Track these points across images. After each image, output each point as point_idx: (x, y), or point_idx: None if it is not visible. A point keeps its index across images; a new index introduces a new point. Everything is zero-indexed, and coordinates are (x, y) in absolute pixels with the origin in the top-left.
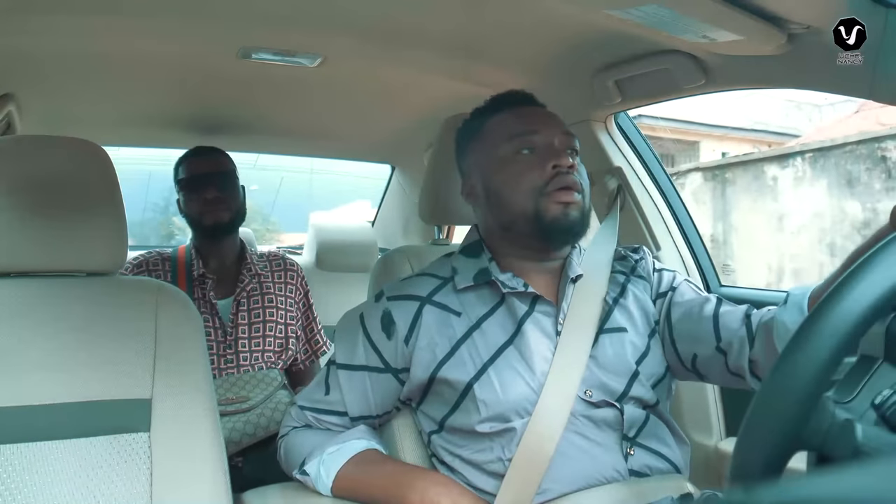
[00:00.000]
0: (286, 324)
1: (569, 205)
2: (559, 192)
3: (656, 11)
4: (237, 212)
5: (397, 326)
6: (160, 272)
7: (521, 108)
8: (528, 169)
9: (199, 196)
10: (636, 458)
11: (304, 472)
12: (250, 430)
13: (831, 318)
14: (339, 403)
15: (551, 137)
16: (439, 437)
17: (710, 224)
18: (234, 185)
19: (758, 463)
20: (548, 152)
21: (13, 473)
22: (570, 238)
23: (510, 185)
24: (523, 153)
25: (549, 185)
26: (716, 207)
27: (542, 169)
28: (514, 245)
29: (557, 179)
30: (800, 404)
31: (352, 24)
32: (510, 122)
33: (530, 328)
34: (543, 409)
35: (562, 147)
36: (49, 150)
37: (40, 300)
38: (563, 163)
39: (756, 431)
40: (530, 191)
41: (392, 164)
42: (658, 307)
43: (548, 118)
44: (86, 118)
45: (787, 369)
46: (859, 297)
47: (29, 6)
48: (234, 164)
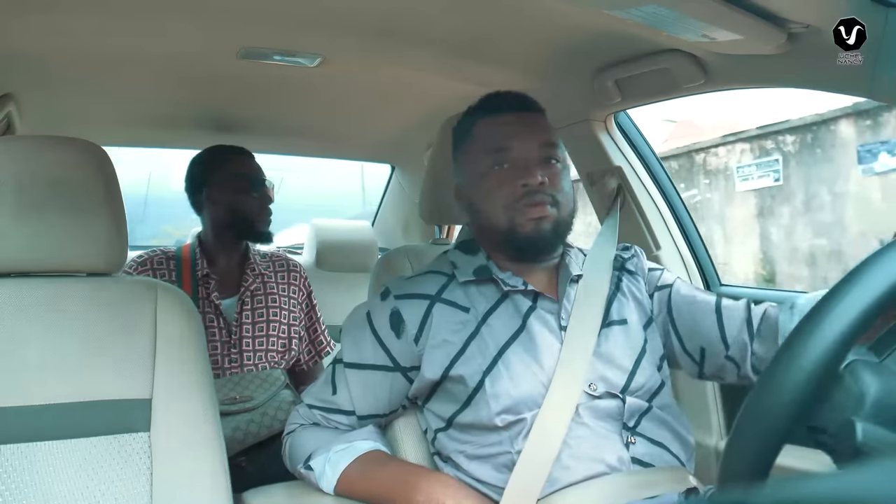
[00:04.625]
0: (289, 324)
1: (541, 219)
2: (530, 208)
3: (656, 11)
4: None
5: (407, 325)
6: (164, 271)
7: (503, 117)
8: (501, 185)
9: (253, 198)
10: (637, 448)
11: (308, 468)
12: (254, 429)
13: (826, 321)
14: (347, 402)
15: (526, 151)
16: (445, 434)
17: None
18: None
19: (749, 462)
20: (520, 169)
21: (13, 473)
22: (545, 251)
23: (486, 200)
24: (496, 169)
25: (519, 202)
26: None
27: (512, 186)
28: (500, 249)
29: (527, 198)
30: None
31: (352, 24)
32: (488, 133)
33: (535, 323)
34: (551, 403)
35: (538, 160)
36: (49, 150)
37: (40, 300)
38: (533, 182)
39: (747, 432)
40: (503, 207)
41: (392, 164)
42: (654, 302)
43: (529, 127)
44: (86, 118)
45: (779, 372)
46: (856, 299)
47: (29, 6)
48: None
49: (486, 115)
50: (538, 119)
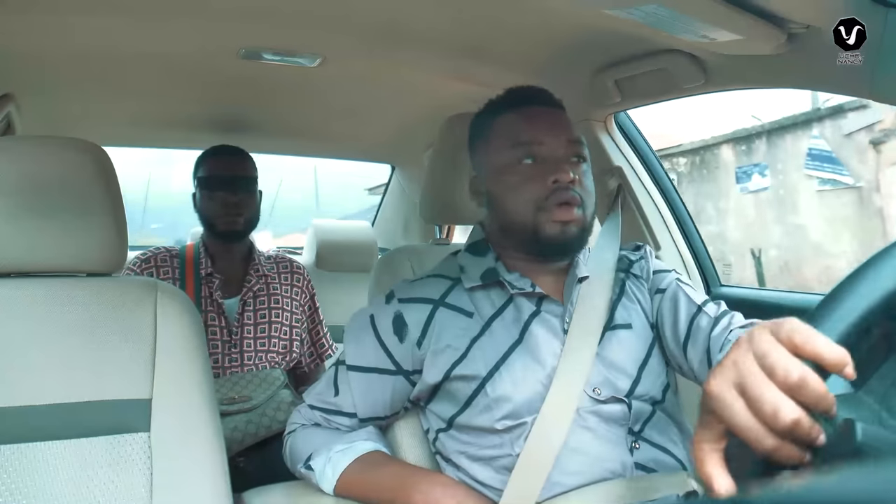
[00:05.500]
0: (291, 326)
1: (567, 223)
2: (558, 209)
3: (656, 11)
4: (250, 219)
5: (409, 329)
6: (168, 269)
7: (530, 110)
8: (529, 180)
9: (215, 198)
10: (641, 453)
11: (308, 468)
12: (252, 429)
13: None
14: (349, 404)
15: (556, 147)
16: (447, 434)
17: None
18: (251, 190)
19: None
20: (550, 164)
21: (13, 473)
22: (568, 253)
23: (510, 195)
24: (526, 162)
25: (548, 199)
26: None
27: (542, 182)
28: (517, 248)
29: (557, 195)
30: None
31: (352, 24)
32: (516, 126)
33: (537, 327)
34: (550, 406)
35: (566, 157)
36: (49, 150)
37: (40, 300)
38: (564, 178)
39: None
40: (529, 203)
41: (392, 164)
42: (654, 305)
43: (556, 124)
44: (86, 118)
45: None
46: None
47: (29, 6)
48: (256, 169)
49: (512, 107)
50: (563, 116)
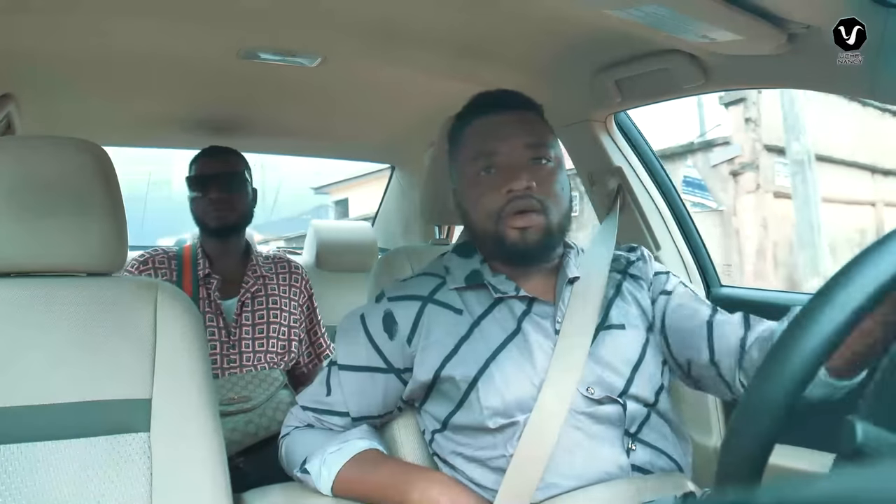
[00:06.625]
0: (289, 326)
1: (526, 229)
2: (515, 217)
3: (656, 11)
4: (243, 214)
5: (399, 326)
6: (166, 270)
7: (489, 119)
8: (488, 191)
9: (205, 196)
10: (637, 454)
11: (305, 471)
12: (252, 429)
13: (816, 323)
14: (341, 404)
15: (511, 156)
16: (442, 435)
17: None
18: (241, 186)
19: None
20: (506, 174)
21: (13, 473)
22: (536, 258)
23: (474, 208)
24: (483, 174)
25: (504, 209)
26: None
27: (498, 192)
28: (491, 256)
29: (513, 204)
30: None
31: (352, 24)
32: (474, 137)
33: (529, 327)
34: (542, 406)
35: (522, 163)
36: (49, 150)
37: (40, 300)
38: (518, 186)
39: (742, 431)
40: (491, 215)
41: (392, 164)
42: (655, 309)
43: (512, 128)
44: (86, 118)
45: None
46: (844, 302)
47: (29, 6)
48: (246, 165)
49: (472, 118)
50: (525, 117)
